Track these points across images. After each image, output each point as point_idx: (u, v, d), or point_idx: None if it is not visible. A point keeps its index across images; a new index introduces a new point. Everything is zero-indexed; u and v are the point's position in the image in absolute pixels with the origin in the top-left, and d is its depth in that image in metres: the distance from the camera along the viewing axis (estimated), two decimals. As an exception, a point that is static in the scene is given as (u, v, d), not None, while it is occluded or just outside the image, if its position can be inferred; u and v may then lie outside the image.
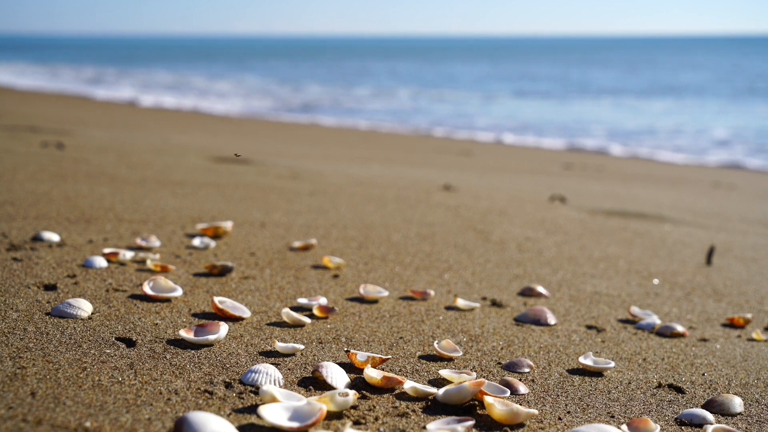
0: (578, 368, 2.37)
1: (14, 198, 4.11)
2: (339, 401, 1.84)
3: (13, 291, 2.55)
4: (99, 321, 2.36)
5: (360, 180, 6.27)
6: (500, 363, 2.36)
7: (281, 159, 7.64)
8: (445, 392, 1.98)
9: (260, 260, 3.34)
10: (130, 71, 37.11)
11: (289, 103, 22.18)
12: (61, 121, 10.43)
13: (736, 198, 7.64)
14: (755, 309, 3.29)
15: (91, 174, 5.23)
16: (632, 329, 2.85)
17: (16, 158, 5.70)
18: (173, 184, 5.16)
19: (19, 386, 1.82)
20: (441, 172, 7.68)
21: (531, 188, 6.88)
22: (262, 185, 5.48)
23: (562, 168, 9.62)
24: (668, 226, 5.25)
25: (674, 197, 7.17)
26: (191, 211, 4.22)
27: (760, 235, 5.29)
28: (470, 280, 3.35)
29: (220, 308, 2.51)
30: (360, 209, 4.80)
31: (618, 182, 8.36)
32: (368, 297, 2.91)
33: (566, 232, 4.64)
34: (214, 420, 1.65)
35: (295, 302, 2.77)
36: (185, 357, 2.14)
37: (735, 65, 46.26)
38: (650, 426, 1.91)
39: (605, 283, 3.51)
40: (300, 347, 2.27)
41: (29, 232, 3.39)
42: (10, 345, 2.08)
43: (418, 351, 2.40)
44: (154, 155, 6.80)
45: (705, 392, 2.28)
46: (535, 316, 2.82)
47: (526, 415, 1.91)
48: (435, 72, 41.21)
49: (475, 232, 4.38)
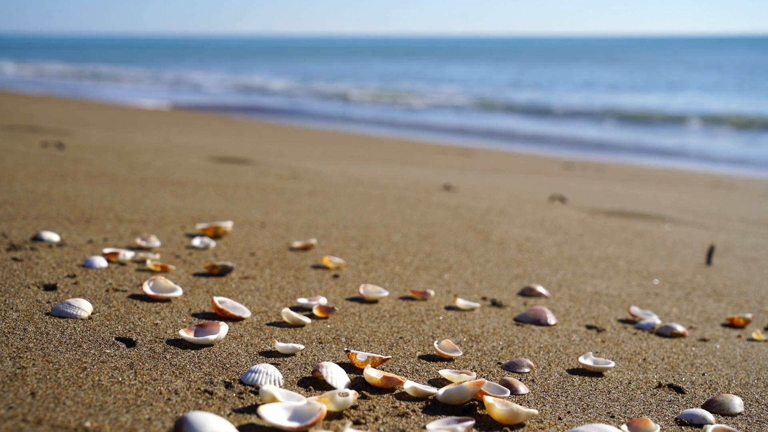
0: (578, 368, 2.37)
1: (14, 198, 4.11)
2: (339, 401, 1.85)
3: (13, 291, 2.55)
4: (99, 321, 2.36)
5: (360, 180, 6.27)
6: (500, 363, 2.36)
7: (281, 159, 7.64)
8: (445, 392, 1.98)
9: (260, 260, 3.34)
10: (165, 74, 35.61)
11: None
12: (61, 121, 10.43)
13: (736, 198, 7.64)
14: (755, 309, 3.29)
15: (91, 174, 5.23)
16: (632, 329, 2.85)
17: (16, 158, 5.70)
18: (173, 184, 5.16)
19: (19, 386, 1.82)
20: (441, 172, 7.68)
21: (531, 188, 6.88)
22: (262, 185, 5.48)
23: (562, 168, 9.62)
24: (668, 226, 5.25)
25: (674, 197, 7.17)
26: (191, 211, 4.22)
27: (760, 235, 5.29)
28: (470, 280, 3.35)
29: (220, 308, 2.51)
30: (360, 209, 4.80)
31: (618, 182, 8.36)
32: (368, 297, 2.91)
33: (566, 232, 4.64)
34: (214, 420, 1.65)
35: (295, 302, 2.77)
36: (185, 357, 2.14)
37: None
38: (650, 426, 1.91)
39: (605, 283, 3.51)
40: (300, 347, 2.27)
41: (29, 232, 3.39)
42: (10, 345, 2.08)
43: (418, 351, 2.40)
44: (154, 155, 6.80)
45: (705, 392, 2.28)
46: (535, 316, 2.82)
47: (526, 415, 1.91)
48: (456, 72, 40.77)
49: (475, 232, 4.38)
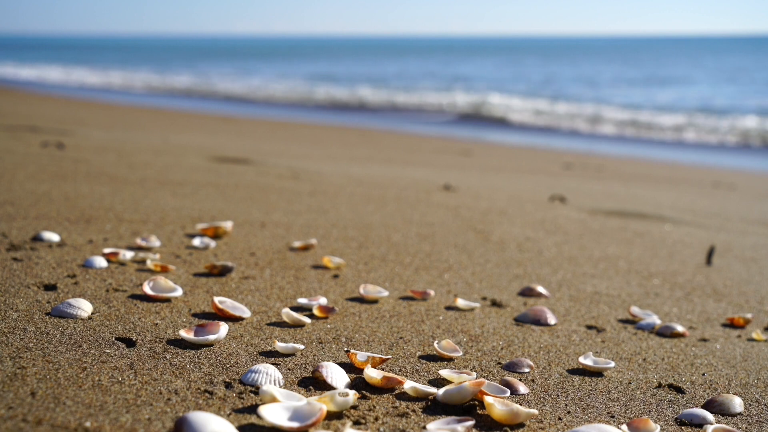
0: (578, 368, 2.37)
1: (14, 198, 4.11)
2: (339, 401, 1.84)
3: (13, 291, 2.55)
4: (99, 321, 2.36)
5: (360, 180, 6.27)
6: (500, 363, 2.36)
7: (281, 159, 7.64)
8: (445, 392, 1.98)
9: (260, 260, 3.34)
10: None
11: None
12: (61, 121, 10.43)
13: (736, 198, 7.64)
14: (755, 309, 3.29)
15: (91, 174, 5.23)
16: (632, 329, 2.85)
17: (16, 158, 5.70)
18: (173, 184, 5.16)
19: (19, 386, 1.82)
20: (441, 172, 7.68)
21: (531, 188, 6.88)
22: (262, 185, 5.48)
23: (562, 168, 9.62)
24: (668, 226, 5.25)
25: (674, 197, 7.17)
26: (191, 211, 4.22)
27: (760, 235, 5.29)
28: (470, 280, 3.35)
29: (220, 308, 2.51)
30: (360, 209, 4.80)
31: (618, 182, 8.36)
32: (368, 297, 2.91)
33: (566, 232, 4.64)
34: (214, 420, 1.65)
35: (295, 302, 2.77)
36: (185, 357, 2.14)
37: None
38: (650, 426, 1.91)
39: (605, 283, 3.51)
40: (300, 347, 2.27)
41: (29, 232, 3.39)
42: (10, 345, 2.08)
43: (418, 351, 2.40)
44: (154, 155, 6.80)
45: (705, 392, 2.28)
46: (535, 316, 2.82)
47: (526, 415, 1.91)
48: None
49: (475, 232, 4.38)
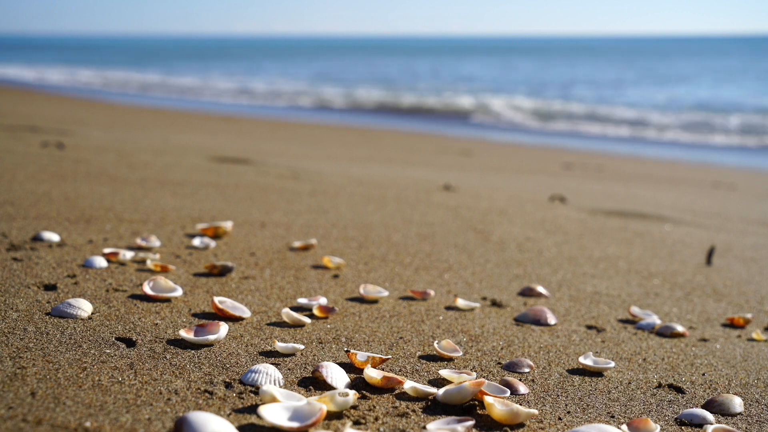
0: (578, 368, 2.37)
1: (14, 198, 4.11)
2: (339, 401, 1.84)
3: (13, 291, 2.55)
4: (99, 321, 2.36)
5: (360, 180, 6.27)
6: (500, 363, 2.36)
7: (281, 159, 7.64)
8: (445, 392, 1.98)
9: (260, 260, 3.34)
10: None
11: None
12: (61, 121, 10.43)
13: (736, 198, 7.64)
14: (755, 309, 3.29)
15: (91, 174, 5.23)
16: (632, 329, 2.85)
17: (16, 158, 5.70)
18: (173, 184, 5.16)
19: (19, 386, 1.82)
20: (441, 172, 7.68)
21: (531, 188, 6.88)
22: (262, 185, 5.48)
23: (562, 168, 9.62)
24: (668, 226, 5.25)
25: (674, 197, 7.17)
26: (191, 211, 4.22)
27: (760, 235, 5.29)
28: (470, 280, 3.35)
29: (220, 308, 2.51)
30: (360, 209, 4.80)
31: (618, 182, 8.36)
32: (368, 297, 2.91)
33: (566, 232, 4.64)
34: (214, 420, 1.65)
35: (295, 302, 2.77)
36: (185, 357, 2.14)
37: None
38: (650, 426, 1.91)
39: (605, 283, 3.51)
40: (300, 347, 2.27)
41: (29, 232, 3.39)
42: (10, 345, 2.08)
43: (418, 351, 2.40)
44: (154, 155, 6.80)
45: (705, 392, 2.28)
46: (535, 316, 2.82)
47: (526, 415, 1.91)
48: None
49: (475, 232, 4.38)
